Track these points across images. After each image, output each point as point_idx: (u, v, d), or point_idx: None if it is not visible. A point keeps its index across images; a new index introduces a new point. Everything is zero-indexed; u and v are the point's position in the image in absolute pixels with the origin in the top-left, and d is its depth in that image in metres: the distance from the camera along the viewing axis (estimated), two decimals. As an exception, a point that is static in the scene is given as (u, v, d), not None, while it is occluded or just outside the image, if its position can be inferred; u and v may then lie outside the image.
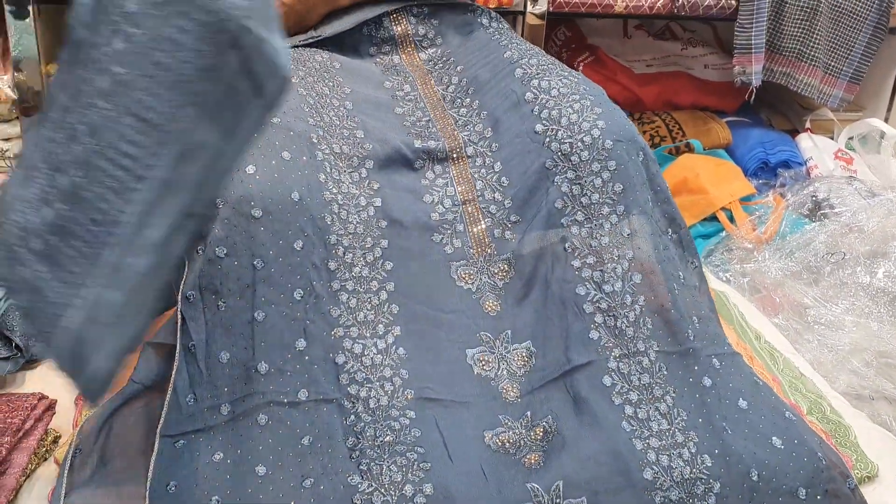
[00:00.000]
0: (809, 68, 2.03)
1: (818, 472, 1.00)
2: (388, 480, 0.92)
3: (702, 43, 2.30)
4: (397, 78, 1.36)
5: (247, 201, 1.06)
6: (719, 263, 1.77)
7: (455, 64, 1.38)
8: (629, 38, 2.32)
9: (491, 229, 1.21)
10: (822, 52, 2.02)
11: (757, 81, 2.00)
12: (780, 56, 2.07)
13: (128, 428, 0.99)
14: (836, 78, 2.03)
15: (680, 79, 2.19)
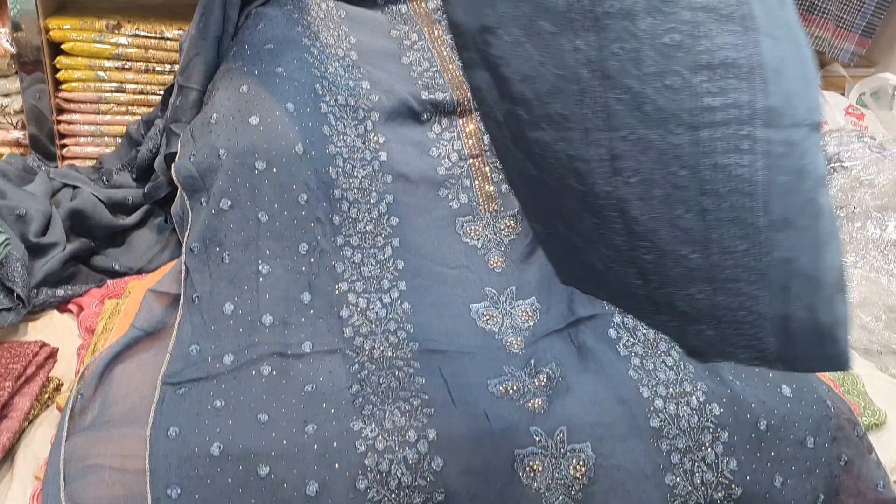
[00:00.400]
0: (821, 21, 1.99)
1: (826, 420, 0.99)
2: (391, 426, 0.91)
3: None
4: (404, 27, 1.34)
5: (250, 153, 1.05)
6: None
7: None
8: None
9: (498, 185, 1.20)
10: (833, 5, 1.98)
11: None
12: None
13: (129, 374, 0.98)
14: (848, 31, 1.99)
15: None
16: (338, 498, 0.86)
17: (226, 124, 1.07)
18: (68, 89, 1.68)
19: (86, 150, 1.73)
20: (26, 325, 1.21)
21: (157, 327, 1.03)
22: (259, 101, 1.09)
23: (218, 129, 1.07)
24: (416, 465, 0.88)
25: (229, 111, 1.08)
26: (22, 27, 1.61)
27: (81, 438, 0.89)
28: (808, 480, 0.96)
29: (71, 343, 1.16)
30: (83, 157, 1.73)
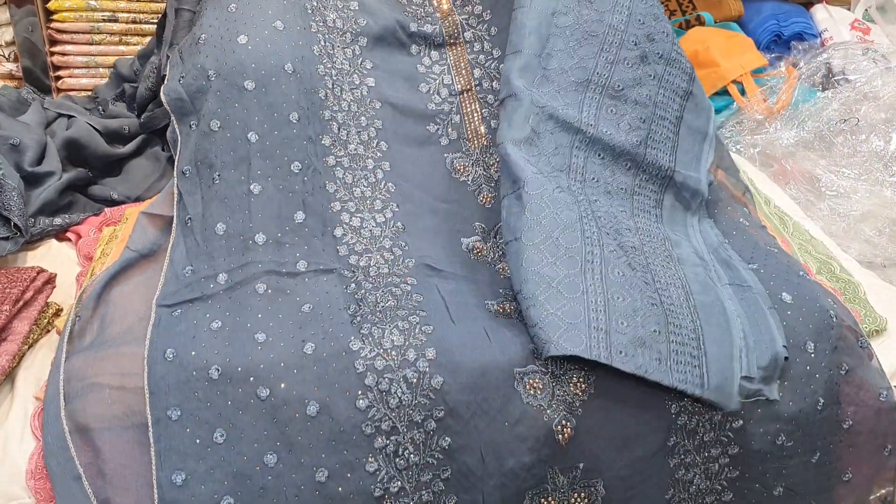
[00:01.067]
0: (826, -67, 1.94)
1: (827, 329, 0.99)
2: (389, 345, 0.91)
3: (713, -88, 2.20)
4: None
5: (239, 73, 1.04)
6: (730, 136, 1.73)
7: None
8: None
9: (487, 120, 1.19)
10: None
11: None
12: (796, -76, 1.97)
13: (126, 295, 0.98)
14: (854, -57, 1.94)
15: (690, -50, 2.10)
16: (338, 417, 0.87)
17: (214, 44, 1.06)
18: (60, 19, 1.66)
19: (80, 82, 1.72)
20: (25, 254, 1.21)
21: (151, 249, 1.03)
22: (247, 20, 1.07)
23: (206, 50, 1.06)
24: (416, 384, 0.89)
25: (217, 31, 1.07)
26: (10, -43, 1.59)
27: (80, 358, 0.90)
28: (807, 384, 0.97)
29: (70, 270, 1.17)
30: (78, 88, 1.71)
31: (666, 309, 0.94)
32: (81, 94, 1.69)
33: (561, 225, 0.98)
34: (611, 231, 1.00)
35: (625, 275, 0.95)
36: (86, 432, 0.85)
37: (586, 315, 0.90)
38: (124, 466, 0.85)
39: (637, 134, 1.10)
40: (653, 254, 1.01)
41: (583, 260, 0.95)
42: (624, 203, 1.07)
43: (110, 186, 1.34)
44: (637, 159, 1.09)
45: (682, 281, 0.99)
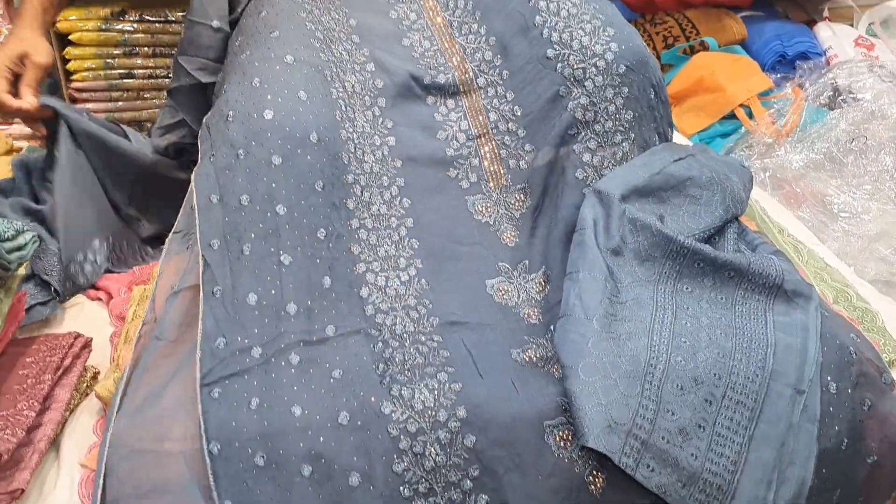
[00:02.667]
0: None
1: (848, 366, 1.01)
2: (420, 406, 0.93)
3: (712, -63, 2.23)
4: (402, 6, 1.34)
5: (267, 150, 1.06)
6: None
7: None
8: (637, -62, 2.26)
9: (506, 161, 1.21)
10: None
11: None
12: (796, -57, 2.00)
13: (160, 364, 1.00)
14: (857, -38, 1.97)
15: (691, -24, 2.13)
16: (378, 483, 0.89)
17: (241, 121, 1.07)
18: (79, 79, 1.70)
19: (101, 139, 1.76)
20: (59, 315, 1.24)
21: (180, 331, 1.04)
22: (272, 93, 1.09)
23: (234, 128, 1.07)
24: (448, 444, 0.91)
25: (244, 107, 1.08)
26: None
27: (122, 426, 0.92)
28: (831, 425, 0.98)
29: (103, 331, 1.19)
30: (99, 145, 1.75)
31: (715, 433, 0.95)
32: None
33: (627, 332, 0.99)
34: (686, 343, 1.00)
35: (684, 388, 0.95)
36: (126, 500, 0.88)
37: (632, 421, 0.91)
38: None
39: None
40: (740, 365, 0.99)
41: (646, 363, 0.96)
42: (724, 311, 1.06)
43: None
44: (741, 268, 1.08)
45: (757, 403, 0.97)
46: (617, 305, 1.03)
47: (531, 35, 1.23)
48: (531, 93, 1.22)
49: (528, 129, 1.21)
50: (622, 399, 0.92)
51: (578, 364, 0.94)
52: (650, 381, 0.94)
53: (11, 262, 0.98)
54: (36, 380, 0.98)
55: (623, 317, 1.01)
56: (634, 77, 1.18)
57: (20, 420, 0.91)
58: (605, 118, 1.17)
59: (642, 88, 1.19)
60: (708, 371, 0.97)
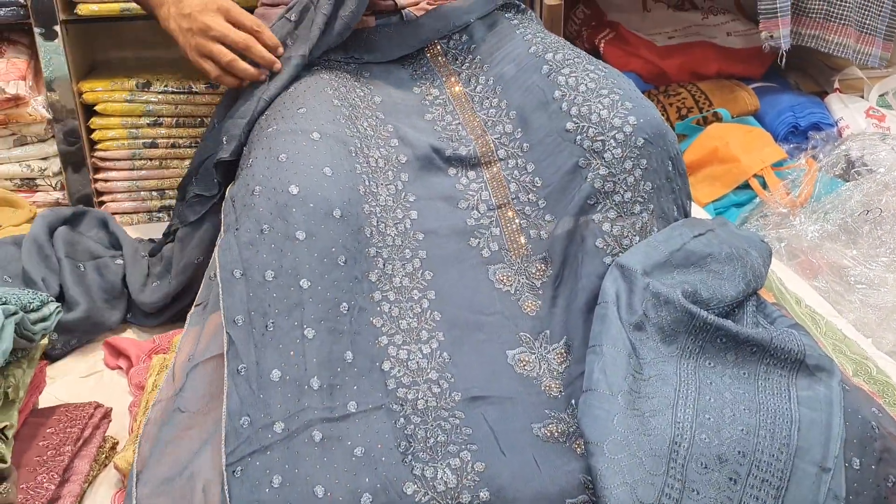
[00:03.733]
0: (840, 28, 1.99)
1: (871, 441, 1.00)
2: (443, 487, 0.92)
3: (722, 10, 2.28)
4: (425, 82, 1.37)
5: (291, 225, 1.07)
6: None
7: (481, 63, 1.38)
8: (648, 12, 2.30)
9: (526, 230, 1.23)
10: (852, 11, 1.98)
11: (786, 45, 1.95)
12: (807, 18, 2.03)
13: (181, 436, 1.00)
14: (874, 36, 1.99)
15: (703, 48, 2.17)
16: None
17: (267, 196, 1.08)
18: (103, 148, 1.73)
19: (123, 206, 1.79)
20: (78, 384, 1.25)
21: (204, 403, 1.04)
22: (298, 169, 1.11)
23: (260, 203, 1.08)
24: None
25: (269, 181, 1.10)
26: (56, 92, 1.68)
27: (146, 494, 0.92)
28: (855, 501, 0.97)
29: (122, 400, 1.20)
30: (121, 212, 1.78)
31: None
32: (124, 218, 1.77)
33: (652, 409, 0.99)
34: (710, 419, 0.99)
35: (708, 467, 0.95)
36: None
37: (658, 501, 0.91)
38: None
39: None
40: (765, 442, 0.98)
41: (671, 441, 0.95)
42: (747, 387, 1.05)
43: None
44: (763, 343, 1.07)
45: (783, 482, 0.96)
46: (641, 382, 1.02)
47: (551, 109, 1.25)
48: (551, 164, 1.23)
49: (548, 199, 1.22)
50: (648, 478, 0.92)
51: (604, 441, 0.94)
52: (675, 460, 0.94)
53: (36, 334, 0.99)
54: (56, 451, 0.98)
55: (647, 393, 1.01)
56: (652, 149, 1.19)
57: (40, 493, 0.92)
58: (625, 189, 1.18)
59: (660, 160, 1.20)
60: (732, 448, 0.96)
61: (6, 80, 1.59)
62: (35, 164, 1.72)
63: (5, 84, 1.59)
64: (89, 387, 1.25)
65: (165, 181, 1.80)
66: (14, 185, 1.72)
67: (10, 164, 1.71)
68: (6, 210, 1.64)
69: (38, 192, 1.74)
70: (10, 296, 0.96)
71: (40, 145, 1.71)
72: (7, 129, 1.67)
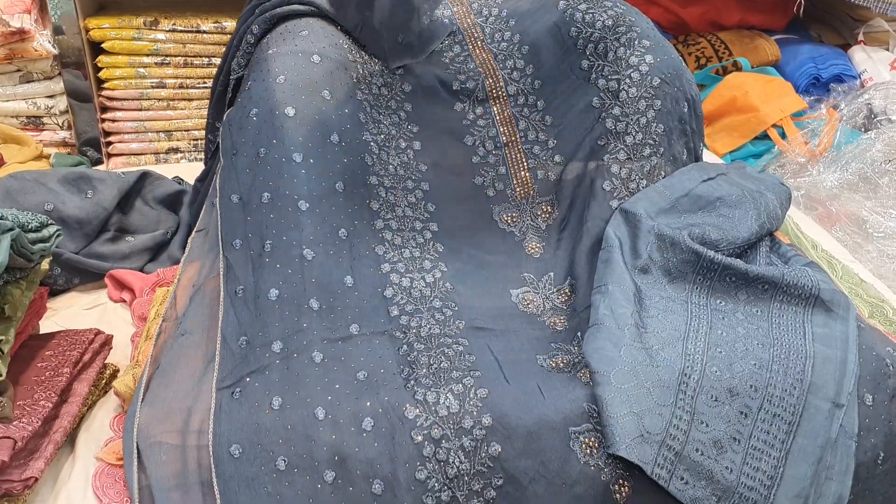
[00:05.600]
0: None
1: (885, 378, 0.98)
2: (445, 412, 0.90)
3: (745, -41, 2.22)
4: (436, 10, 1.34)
5: (287, 147, 1.06)
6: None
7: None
8: (669, -40, 2.25)
9: (534, 171, 1.20)
10: (877, -43, 1.92)
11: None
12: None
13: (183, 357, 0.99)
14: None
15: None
16: (400, 492, 0.86)
17: (264, 119, 1.07)
18: (111, 87, 1.71)
19: (130, 147, 1.77)
20: (81, 316, 1.24)
21: (206, 328, 1.02)
22: (295, 91, 1.09)
23: (257, 125, 1.07)
24: (473, 452, 0.88)
25: (266, 103, 1.08)
26: (63, 29, 1.65)
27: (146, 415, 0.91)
28: (867, 438, 0.95)
29: (125, 331, 1.19)
30: (128, 153, 1.77)
31: (751, 447, 0.92)
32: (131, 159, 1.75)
33: (662, 340, 0.97)
34: (722, 353, 0.97)
35: (718, 400, 0.93)
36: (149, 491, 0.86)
37: (665, 431, 0.89)
38: None
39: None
40: (778, 377, 0.95)
41: (680, 373, 0.93)
42: (761, 323, 1.02)
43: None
44: (775, 280, 1.04)
45: (795, 416, 0.94)
46: (648, 318, 1.00)
47: (566, 45, 1.22)
48: (563, 103, 1.20)
49: (558, 139, 1.19)
50: (656, 408, 0.90)
51: (611, 371, 0.92)
52: (684, 392, 0.92)
53: (34, 253, 0.97)
54: (54, 372, 0.97)
55: (655, 328, 0.99)
56: (668, 90, 1.17)
57: (37, 410, 0.91)
58: (636, 130, 1.15)
59: (675, 102, 1.17)
60: (744, 382, 0.94)
61: (10, 13, 1.57)
62: (41, 101, 1.70)
63: (9, 17, 1.56)
64: (93, 319, 1.23)
65: (173, 122, 1.78)
66: (20, 122, 1.71)
67: (15, 100, 1.69)
68: (12, 147, 1.62)
69: (44, 130, 1.72)
70: (7, 213, 0.94)
71: (46, 83, 1.69)
72: (12, 64, 1.65)
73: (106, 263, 1.31)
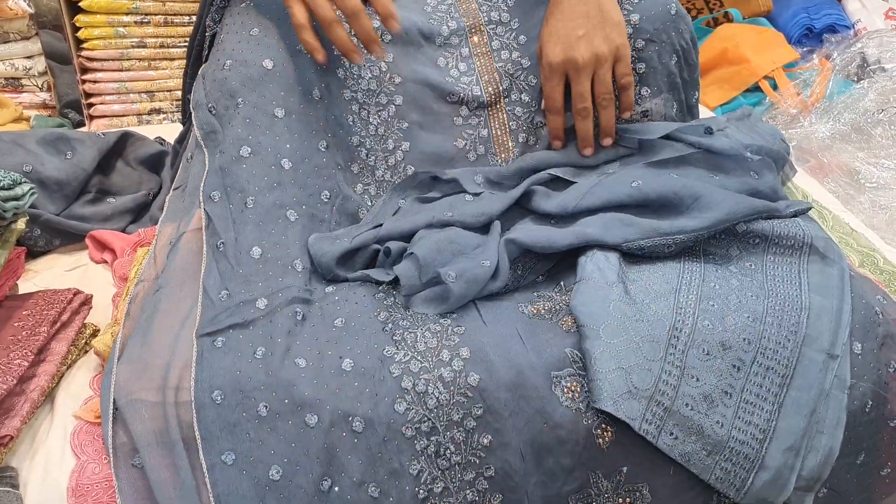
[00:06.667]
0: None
1: (874, 326, 0.96)
2: (423, 347, 0.90)
3: None
4: None
5: (269, 101, 1.03)
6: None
7: None
8: None
9: (516, 134, 1.17)
10: None
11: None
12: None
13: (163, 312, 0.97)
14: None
15: (715, -53, 2.08)
16: (380, 427, 0.86)
17: (239, 70, 1.04)
18: (90, 48, 1.68)
19: (112, 108, 1.74)
20: (62, 277, 1.22)
21: (183, 282, 1.01)
22: (271, 43, 1.06)
23: (232, 76, 1.04)
24: (452, 382, 0.87)
25: (242, 55, 1.05)
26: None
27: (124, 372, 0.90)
28: (855, 387, 0.93)
29: (106, 291, 1.17)
30: (110, 115, 1.74)
31: (743, 400, 0.90)
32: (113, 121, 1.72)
33: (652, 293, 0.95)
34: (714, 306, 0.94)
35: (710, 354, 0.91)
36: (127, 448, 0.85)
37: (654, 387, 0.87)
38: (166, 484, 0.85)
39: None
40: (772, 329, 0.93)
41: (671, 327, 0.91)
42: (755, 275, 0.99)
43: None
44: (764, 233, 1.03)
45: (788, 369, 0.92)
46: (637, 273, 0.98)
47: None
48: None
49: (539, 101, 1.17)
50: (644, 363, 0.88)
51: (600, 325, 0.90)
52: (674, 346, 0.90)
53: (7, 211, 0.96)
54: (31, 332, 0.96)
55: (645, 282, 0.97)
56: (654, 48, 1.13)
57: (12, 369, 0.89)
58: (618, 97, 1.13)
59: (661, 59, 1.14)
60: (737, 335, 0.92)
61: (-17, -29, 1.53)
62: (19, 62, 1.67)
63: (-17, -25, 1.53)
64: (74, 279, 1.22)
65: (155, 83, 1.75)
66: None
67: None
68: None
69: (24, 92, 1.69)
70: (-23, 170, 0.93)
71: (24, 43, 1.65)
72: (-12, 25, 1.62)
73: (87, 224, 1.30)
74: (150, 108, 1.76)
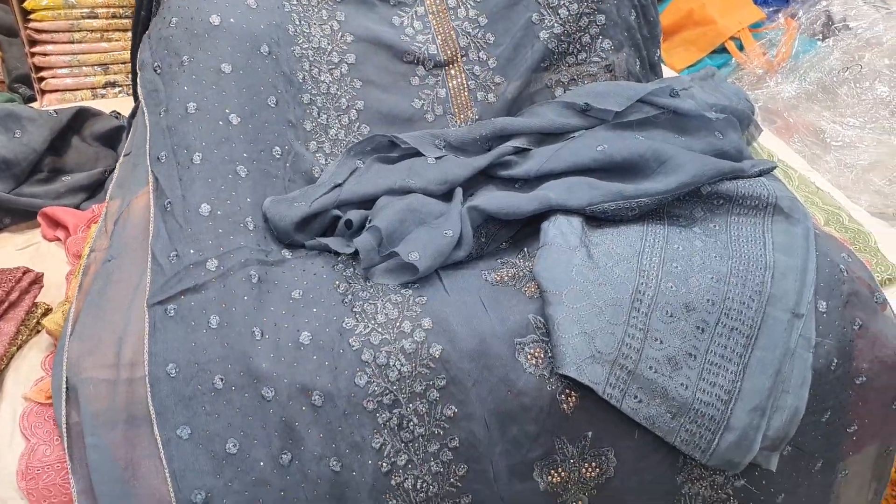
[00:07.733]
0: None
1: (839, 284, 0.95)
2: (384, 319, 0.88)
3: None
4: None
5: (215, 57, 1.01)
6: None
7: None
8: None
9: (474, 92, 1.15)
10: None
11: None
12: None
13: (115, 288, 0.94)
14: None
15: None
16: (340, 401, 0.84)
17: (185, 27, 1.02)
18: (38, 19, 1.62)
19: (65, 82, 1.69)
20: (14, 256, 1.19)
21: (132, 250, 0.98)
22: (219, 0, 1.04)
23: (178, 34, 1.02)
24: (414, 354, 0.86)
25: (188, 11, 1.03)
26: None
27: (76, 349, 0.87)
28: (820, 345, 0.93)
29: (60, 269, 1.14)
30: (62, 88, 1.68)
31: (707, 362, 0.89)
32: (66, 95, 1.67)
33: (616, 257, 0.93)
34: (678, 268, 0.93)
35: (674, 316, 0.90)
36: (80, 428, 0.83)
37: (618, 351, 0.86)
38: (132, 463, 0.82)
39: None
40: (736, 289, 0.92)
41: (634, 290, 0.90)
42: (720, 236, 0.98)
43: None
44: (729, 194, 1.01)
45: (753, 329, 0.91)
46: (600, 237, 0.97)
47: None
48: (503, 17, 1.15)
49: (499, 59, 1.15)
50: (608, 327, 0.87)
51: (563, 290, 0.89)
52: (637, 309, 0.89)
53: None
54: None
55: (608, 245, 0.95)
56: (612, 2, 1.12)
57: (-44, 351, 0.86)
58: (579, 49, 1.11)
59: (620, 12, 1.13)
60: (701, 297, 0.91)
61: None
62: (-36, 36, 1.61)
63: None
64: (25, 259, 1.18)
65: (109, 55, 1.70)
66: (-56, 59, 1.62)
67: (-63, 36, 1.60)
68: (-63, 86, 1.54)
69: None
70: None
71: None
72: (-71, -4, 1.56)
73: (39, 201, 1.26)
74: (104, 82, 1.71)
